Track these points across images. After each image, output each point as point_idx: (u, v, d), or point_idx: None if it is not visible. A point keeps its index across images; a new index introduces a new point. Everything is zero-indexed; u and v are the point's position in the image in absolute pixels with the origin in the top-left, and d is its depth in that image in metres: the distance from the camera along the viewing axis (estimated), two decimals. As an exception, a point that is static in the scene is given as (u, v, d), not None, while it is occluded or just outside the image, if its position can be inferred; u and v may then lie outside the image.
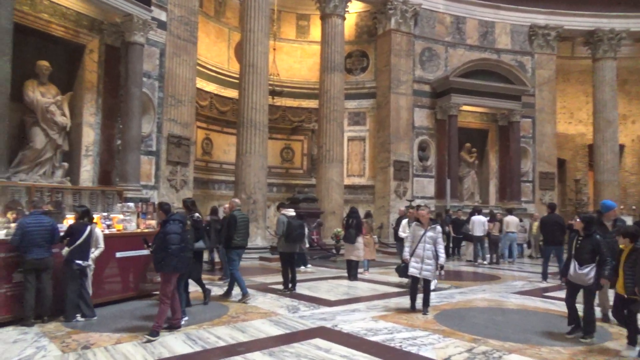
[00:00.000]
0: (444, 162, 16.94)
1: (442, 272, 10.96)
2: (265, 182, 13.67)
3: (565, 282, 5.95)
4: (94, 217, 6.82)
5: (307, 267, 11.38)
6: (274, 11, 16.17)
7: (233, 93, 15.76)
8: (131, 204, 8.68)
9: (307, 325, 6.03)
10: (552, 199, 17.95)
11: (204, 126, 16.22)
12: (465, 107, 17.07)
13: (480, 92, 16.76)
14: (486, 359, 4.82)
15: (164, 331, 5.49)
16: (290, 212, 8.89)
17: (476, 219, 13.18)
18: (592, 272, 5.48)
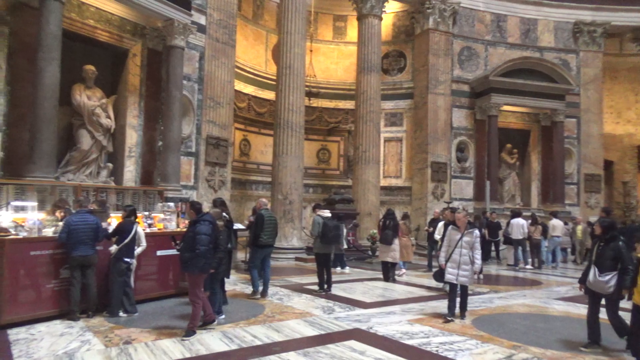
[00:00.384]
0: (484, 163, 16.60)
1: (481, 276, 10.79)
2: (301, 183, 13.74)
3: (584, 290, 5.62)
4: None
5: (345, 269, 11.36)
6: (311, 13, 16.26)
7: (270, 95, 15.93)
8: (171, 204, 8.91)
9: (342, 327, 6.02)
10: (598, 202, 17.29)
11: (242, 127, 16.45)
12: (506, 107, 16.67)
13: (522, 92, 16.34)
14: (526, 366, 4.69)
15: (200, 329, 5.60)
16: (326, 213, 8.90)
17: (515, 221, 12.84)
18: (613, 280, 5.20)
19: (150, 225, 7.87)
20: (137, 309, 6.44)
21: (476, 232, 6.70)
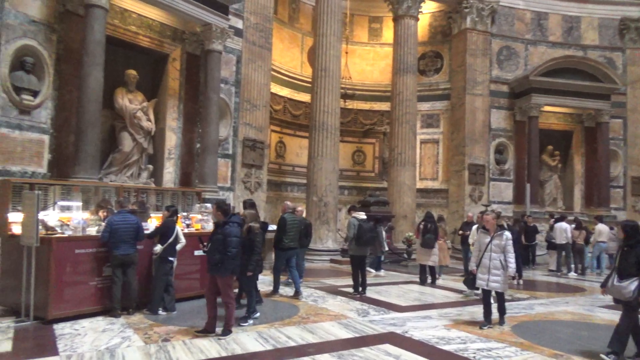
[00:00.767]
0: (523, 165, 16.15)
1: (521, 281, 10.50)
2: (336, 185, 13.74)
3: (604, 294, 5.43)
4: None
5: (380, 272, 11.30)
6: (346, 15, 16.24)
7: (306, 97, 16.01)
8: (209, 205, 9.04)
9: (377, 330, 5.98)
10: (646, 206, 16.54)
11: (278, 130, 16.59)
12: (547, 108, 16.18)
13: (564, 92, 15.82)
14: (569, 376, 4.53)
15: (237, 329, 5.67)
16: (361, 215, 8.87)
17: (559, 225, 12.41)
18: (632, 286, 4.95)
19: (188, 226, 8.05)
20: (176, 307, 6.59)
21: (506, 234, 6.39)
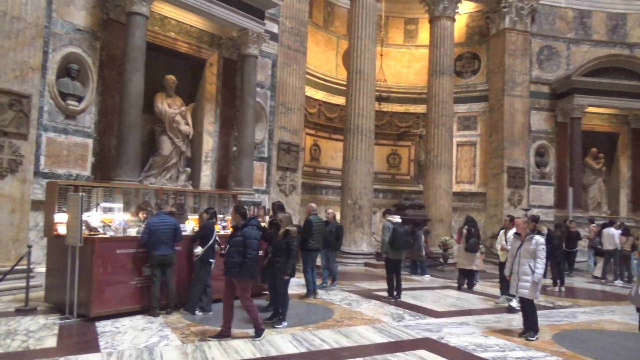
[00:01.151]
0: (565, 168, 15.65)
1: (562, 288, 10.16)
2: (371, 188, 13.67)
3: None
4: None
5: (426, 276, 11.21)
6: (382, 17, 16.16)
7: (340, 100, 16.01)
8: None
9: (412, 336, 5.90)
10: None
11: (312, 133, 16.66)
12: (591, 109, 15.63)
13: (609, 92, 15.25)
14: (614, 388, 4.34)
15: (272, 330, 5.71)
16: (396, 219, 8.79)
17: (607, 231, 11.93)
18: None
19: (224, 228, 8.18)
20: (212, 308, 6.70)
21: (536, 238, 6.12)
